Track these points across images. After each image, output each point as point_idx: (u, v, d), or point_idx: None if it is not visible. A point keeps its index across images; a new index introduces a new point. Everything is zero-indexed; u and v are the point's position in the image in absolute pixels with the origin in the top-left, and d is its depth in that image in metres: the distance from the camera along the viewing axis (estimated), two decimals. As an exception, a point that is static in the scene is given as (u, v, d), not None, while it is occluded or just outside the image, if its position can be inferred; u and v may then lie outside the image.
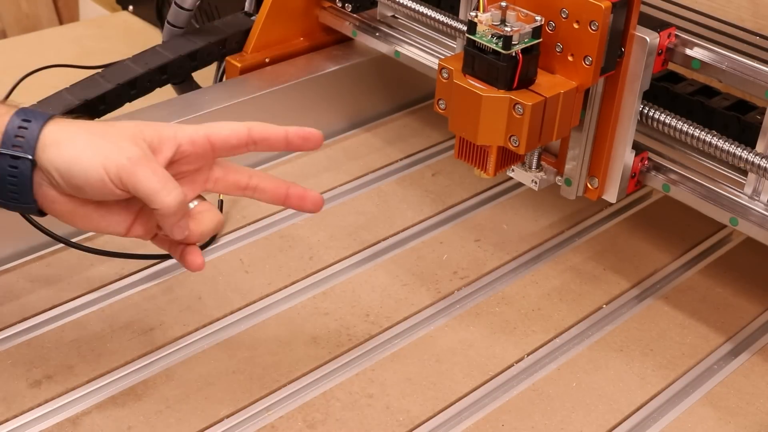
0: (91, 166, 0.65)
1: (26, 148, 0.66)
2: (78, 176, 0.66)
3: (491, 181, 1.01)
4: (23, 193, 0.67)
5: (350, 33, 1.06)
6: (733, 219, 0.78)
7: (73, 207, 0.69)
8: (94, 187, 0.66)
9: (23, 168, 0.66)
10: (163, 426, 0.72)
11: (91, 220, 0.70)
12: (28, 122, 0.67)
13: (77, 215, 0.69)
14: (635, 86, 0.77)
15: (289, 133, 0.72)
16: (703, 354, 0.82)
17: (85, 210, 0.69)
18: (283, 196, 0.73)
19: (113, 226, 0.71)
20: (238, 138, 0.71)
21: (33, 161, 0.66)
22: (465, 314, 0.85)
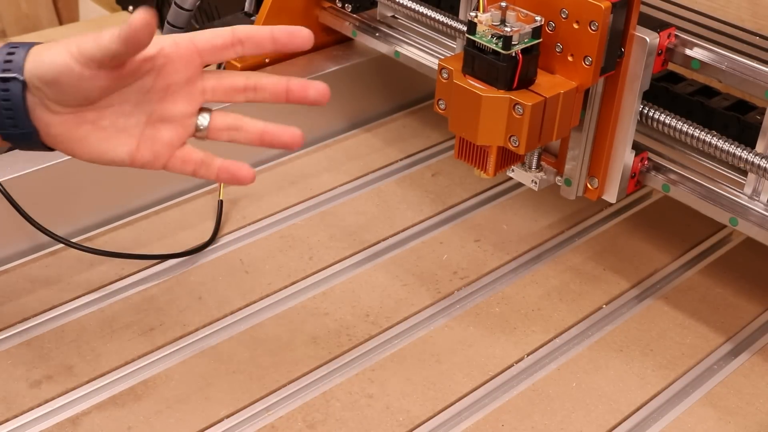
0: (57, 53, 0.65)
1: (14, 70, 0.66)
2: (48, 69, 0.65)
3: (491, 181, 1.01)
4: (19, 117, 0.66)
5: (350, 33, 1.06)
6: (732, 219, 0.78)
7: (68, 128, 0.67)
8: (63, 74, 0.65)
9: (14, 89, 0.66)
10: (163, 426, 0.72)
11: (90, 144, 0.68)
12: (15, 48, 0.67)
13: (74, 139, 0.68)
14: (635, 86, 0.77)
15: (275, 31, 0.69)
16: (703, 354, 0.82)
17: (81, 131, 0.68)
18: (284, 90, 0.70)
19: (116, 150, 0.68)
20: (223, 38, 0.69)
21: (23, 81, 0.66)
22: (465, 314, 0.85)
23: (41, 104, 0.67)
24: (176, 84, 0.69)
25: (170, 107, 0.69)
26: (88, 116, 0.68)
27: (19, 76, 0.66)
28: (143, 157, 0.69)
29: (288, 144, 0.72)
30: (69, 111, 0.67)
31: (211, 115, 0.70)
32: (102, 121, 0.68)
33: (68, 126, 0.67)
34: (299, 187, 0.99)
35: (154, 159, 0.69)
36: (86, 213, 0.92)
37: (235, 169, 0.71)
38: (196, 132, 0.70)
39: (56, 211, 0.89)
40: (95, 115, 0.68)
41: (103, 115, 0.68)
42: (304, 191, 0.99)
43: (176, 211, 0.95)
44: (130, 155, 0.69)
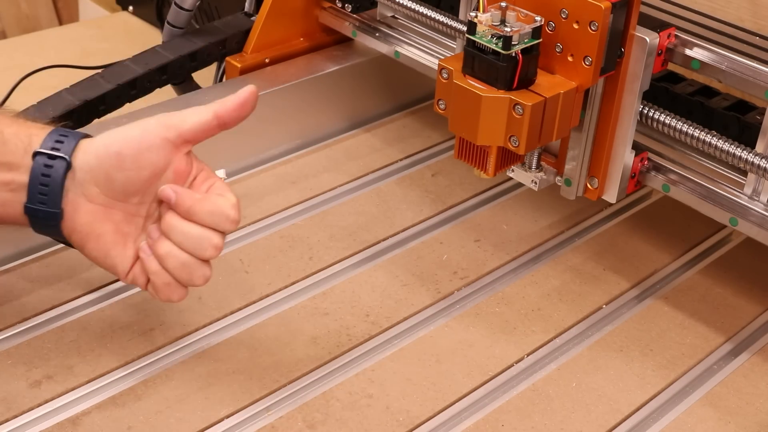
0: (147, 126, 0.70)
1: (63, 150, 0.69)
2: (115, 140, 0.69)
3: (491, 181, 1.01)
4: (52, 195, 0.69)
5: (350, 33, 1.06)
6: (732, 219, 0.78)
7: (94, 219, 0.71)
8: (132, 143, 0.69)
9: (58, 167, 0.69)
10: (163, 426, 0.72)
11: (104, 243, 0.71)
12: (65, 136, 0.71)
13: (94, 233, 0.71)
14: (635, 86, 0.77)
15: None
16: (703, 354, 0.82)
17: (103, 228, 0.71)
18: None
19: (120, 259, 0.72)
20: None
21: (68, 162, 0.69)
22: (465, 314, 0.85)
23: (79, 189, 0.70)
24: None
25: None
26: (115, 216, 0.71)
27: (67, 156, 0.69)
28: (134, 273, 0.73)
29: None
30: (104, 202, 0.70)
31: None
32: (125, 225, 0.72)
33: (95, 218, 0.71)
34: (299, 187, 0.99)
35: (140, 275, 0.73)
36: (86, 213, 0.92)
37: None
38: None
39: (56, 211, 0.89)
40: (122, 217, 0.71)
41: (128, 220, 0.72)
42: (304, 191, 0.99)
43: (176, 211, 0.95)
44: (129, 268, 0.73)
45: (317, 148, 1.06)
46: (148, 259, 0.71)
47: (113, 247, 0.72)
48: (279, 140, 1.05)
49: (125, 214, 0.72)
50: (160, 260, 0.70)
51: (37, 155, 0.69)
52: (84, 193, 0.70)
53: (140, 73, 1.02)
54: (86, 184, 0.70)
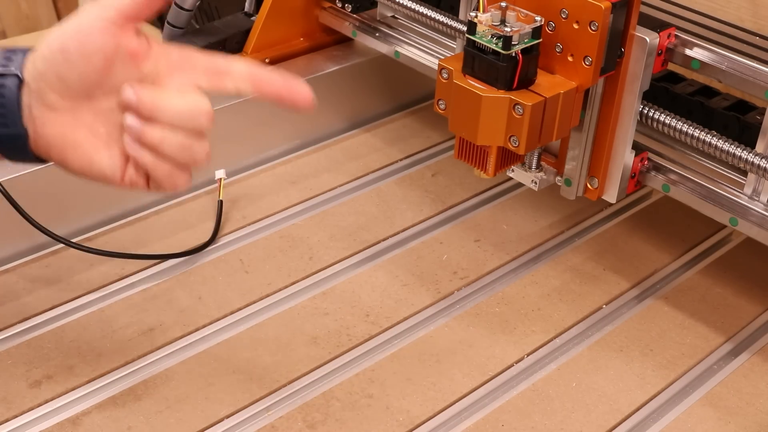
0: (84, 13, 0.65)
1: (13, 67, 0.65)
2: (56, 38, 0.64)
3: (491, 181, 1.01)
4: (11, 116, 0.65)
5: (350, 33, 1.06)
6: (732, 219, 0.78)
7: (65, 129, 0.66)
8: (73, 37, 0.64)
9: (10, 85, 0.65)
10: (163, 426, 0.72)
11: (84, 151, 0.66)
12: (13, 52, 0.66)
13: (69, 144, 0.66)
14: (635, 86, 0.77)
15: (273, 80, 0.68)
16: (703, 354, 0.82)
17: (78, 134, 0.66)
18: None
19: (107, 163, 0.67)
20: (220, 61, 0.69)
21: (20, 77, 0.65)
22: (465, 314, 0.85)
23: (39, 101, 0.65)
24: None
25: None
26: (85, 117, 0.66)
27: (18, 72, 0.65)
28: (129, 174, 0.67)
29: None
30: (68, 106, 0.66)
31: None
32: (98, 126, 0.67)
33: (64, 127, 0.66)
34: (299, 187, 0.99)
35: (137, 177, 0.68)
36: (86, 213, 0.92)
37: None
38: None
39: (56, 211, 0.89)
40: (92, 118, 0.67)
41: (100, 120, 0.67)
42: (304, 191, 0.99)
43: (176, 211, 0.95)
44: (121, 170, 0.67)
45: (317, 148, 1.06)
46: (140, 152, 0.66)
47: (95, 152, 0.67)
48: (279, 140, 1.05)
49: (95, 114, 0.67)
50: (154, 149, 0.66)
51: None
52: (44, 103, 0.65)
53: (140, 73, 1.02)
54: (42, 93, 0.65)
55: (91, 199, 0.92)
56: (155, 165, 0.66)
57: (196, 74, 0.68)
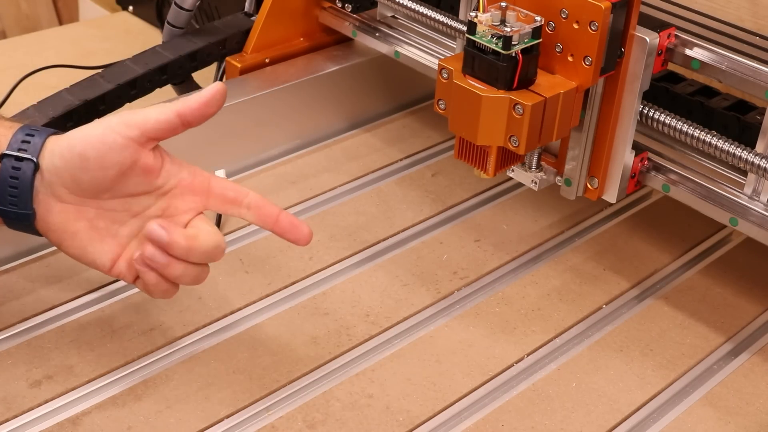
0: (93, 126, 0.69)
1: (30, 152, 0.69)
2: (79, 140, 0.68)
3: (491, 181, 1.01)
4: (22, 198, 0.69)
5: (350, 33, 1.06)
6: (732, 219, 0.78)
7: (66, 219, 0.70)
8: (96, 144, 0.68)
9: (26, 169, 0.68)
10: (163, 426, 0.72)
11: (80, 240, 0.71)
12: (35, 132, 0.70)
13: (68, 232, 0.71)
14: (635, 86, 0.77)
15: (281, 217, 0.73)
16: (703, 354, 0.82)
17: (77, 226, 0.71)
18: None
19: (100, 253, 0.72)
20: (236, 194, 0.73)
21: (36, 163, 0.68)
22: (465, 314, 0.85)
23: (49, 190, 0.69)
24: (176, 210, 0.72)
25: None
26: (88, 213, 0.71)
27: (34, 158, 0.69)
28: (120, 267, 0.72)
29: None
30: (74, 201, 0.70)
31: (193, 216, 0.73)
32: (99, 221, 0.71)
33: (67, 216, 0.71)
34: (299, 187, 0.99)
35: (127, 272, 0.72)
36: (86, 213, 0.92)
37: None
38: None
39: (56, 211, 0.89)
40: (95, 213, 0.71)
41: (101, 215, 0.71)
42: (304, 191, 0.99)
43: (176, 211, 0.95)
44: (111, 262, 0.72)
45: (317, 148, 1.06)
46: (147, 273, 0.71)
47: (89, 244, 0.72)
48: (279, 140, 1.05)
49: (98, 210, 0.71)
50: (165, 275, 0.70)
51: (4, 157, 0.69)
52: (53, 193, 0.70)
53: (140, 73, 1.02)
54: (54, 185, 0.69)
55: (91, 199, 0.92)
56: (157, 283, 0.71)
57: (208, 199, 0.73)
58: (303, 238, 0.73)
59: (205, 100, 0.70)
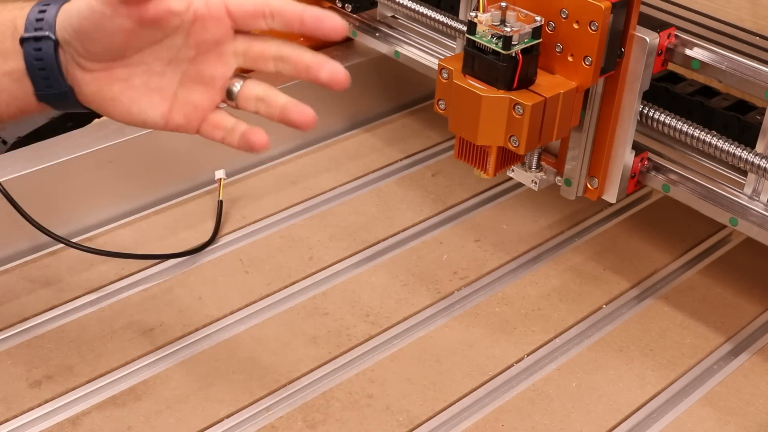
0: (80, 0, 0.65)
1: (46, 28, 0.66)
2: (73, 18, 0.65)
3: (491, 181, 1.01)
4: (54, 77, 0.67)
5: (350, 33, 1.06)
6: (732, 219, 0.78)
7: (100, 86, 0.67)
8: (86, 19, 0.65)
9: (46, 48, 0.66)
10: (163, 426, 0.72)
11: (122, 104, 0.68)
12: (47, 6, 0.67)
13: (107, 98, 0.68)
14: (635, 86, 0.77)
15: (305, 12, 0.68)
16: (703, 354, 0.82)
17: (114, 89, 0.67)
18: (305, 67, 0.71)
19: (149, 111, 0.68)
20: (255, 4, 0.68)
21: (54, 39, 0.66)
22: (465, 314, 0.85)
23: (73, 62, 0.66)
24: (207, 43, 0.68)
25: (202, 68, 0.68)
26: (120, 73, 0.67)
27: (51, 35, 0.66)
28: (176, 120, 0.68)
29: (298, 123, 0.71)
30: (100, 67, 0.67)
31: (244, 83, 0.69)
32: (134, 79, 0.67)
33: (101, 84, 0.67)
34: (299, 187, 0.99)
35: (186, 122, 0.68)
36: (86, 213, 0.92)
37: (250, 135, 0.70)
38: (227, 98, 0.69)
39: (56, 211, 0.89)
40: (127, 72, 0.67)
41: (134, 72, 0.67)
42: (304, 191, 0.99)
43: (176, 211, 0.95)
44: (164, 117, 0.68)
45: (317, 148, 1.06)
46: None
47: (133, 104, 0.68)
48: (279, 140, 1.05)
49: (129, 69, 0.68)
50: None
51: (24, 42, 0.67)
52: (77, 65, 0.67)
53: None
54: (74, 57, 0.67)
55: (91, 199, 0.92)
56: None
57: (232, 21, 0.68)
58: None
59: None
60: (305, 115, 0.70)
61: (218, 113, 0.69)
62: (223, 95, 0.69)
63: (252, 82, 0.69)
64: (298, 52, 0.70)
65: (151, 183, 0.96)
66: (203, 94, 0.68)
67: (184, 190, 0.98)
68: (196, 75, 0.68)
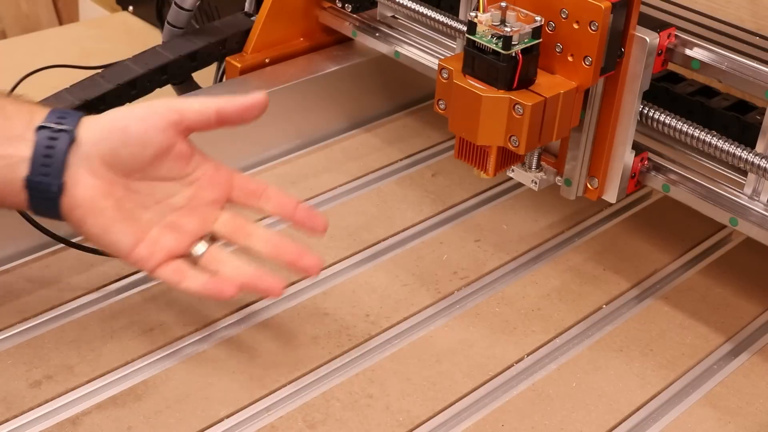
0: (154, 106, 0.72)
1: (67, 124, 0.70)
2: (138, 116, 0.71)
3: (491, 181, 1.01)
4: (55, 167, 0.69)
5: (350, 33, 1.06)
6: (732, 219, 0.78)
7: (95, 195, 0.71)
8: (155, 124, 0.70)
9: (62, 139, 0.69)
10: (163, 426, 0.72)
11: (104, 219, 0.71)
12: (67, 114, 0.71)
13: (95, 209, 0.71)
14: (635, 86, 0.77)
15: (299, 207, 0.76)
16: (703, 354, 0.82)
17: (105, 203, 0.71)
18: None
19: (122, 235, 0.72)
20: (257, 184, 0.76)
21: (72, 135, 0.69)
22: (465, 314, 0.85)
23: (82, 162, 0.70)
24: (200, 200, 0.74)
25: (184, 219, 0.74)
26: (117, 192, 0.72)
27: (72, 128, 0.70)
28: (140, 253, 0.73)
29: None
30: (107, 177, 0.71)
31: (208, 248, 0.75)
32: (125, 202, 0.72)
33: (96, 192, 0.71)
34: (299, 187, 0.99)
35: (148, 258, 0.73)
36: (86, 213, 0.92)
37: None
38: (190, 255, 0.75)
39: (56, 211, 0.89)
40: (123, 194, 0.72)
41: (128, 197, 0.72)
42: (304, 191, 0.99)
43: (176, 211, 0.95)
44: (131, 246, 0.73)
45: (317, 148, 1.06)
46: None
47: (113, 223, 0.72)
48: (279, 140, 1.05)
49: (127, 191, 0.72)
50: None
51: (40, 129, 0.70)
52: (88, 167, 0.70)
53: (140, 73, 1.02)
54: (90, 158, 0.70)
55: (91, 199, 0.92)
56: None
57: (231, 192, 0.76)
58: (320, 225, 0.76)
59: (248, 105, 0.74)
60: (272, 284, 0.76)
61: (179, 261, 0.74)
62: (189, 248, 0.75)
63: (217, 247, 0.76)
64: (281, 242, 0.76)
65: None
66: (173, 241, 0.74)
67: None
68: (174, 223, 0.74)
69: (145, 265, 0.74)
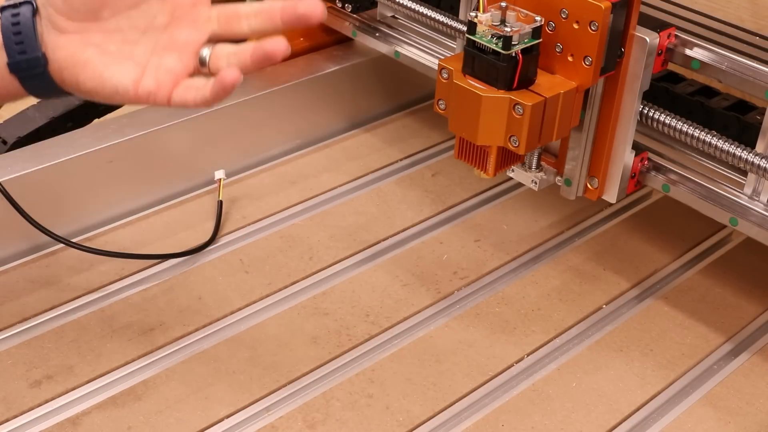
0: None
1: None
2: None
3: (491, 181, 1.01)
4: (28, 42, 0.66)
5: (350, 33, 1.06)
6: (732, 219, 0.78)
7: (74, 50, 0.67)
8: None
9: (25, 12, 0.66)
10: (163, 426, 0.72)
11: (94, 68, 0.67)
12: None
13: (80, 63, 0.67)
14: (635, 86, 0.77)
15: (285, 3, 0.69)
16: (703, 354, 0.82)
17: (87, 53, 0.67)
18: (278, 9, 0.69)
19: (120, 76, 0.67)
20: None
21: (33, 5, 0.66)
22: (465, 314, 0.85)
23: (49, 24, 0.67)
24: (182, 7, 0.68)
25: (176, 34, 0.68)
26: (95, 38, 0.67)
27: (31, 0, 0.66)
28: (147, 85, 0.67)
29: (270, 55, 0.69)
30: (76, 28, 0.67)
31: (214, 46, 0.69)
32: (108, 45, 0.68)
33: (74, 47, 0.67)
34: (299, 187, 0.99)
35: (157, 88, 0.67)
36: (86, 213, 0.92)
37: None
38: (200, 65, 0.69)
39: (56, 211, 0.89)
40: (102, 38, 0.68)
41: (109, 39, 0.68)
42: (304, 191, 0.99)
43: (176, 211, 0.95)
44: (135, 82, 0.67)
45: (317, 148, 1.06)
46: None
47: (105, 69, 0.67)
48: (279, 140, 1.05)
49: (104, 34, 0.68)
50: None
51: (3, 10, 0.67)
52: (54, 27, 0.67)
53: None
54: (51, 17, 0.67)
55: (91, 199, 0.92)
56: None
57: (209, 23, 0.69)
58: (316, 11, 0.70)
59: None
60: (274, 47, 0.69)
61: (189, 78, 0.68)
62: (195, 61, 0.68)
63: (222, 44, 0.69)
64: (271, 3, 0.69)
65: (151, 183, 0.96)
66: (176, 60, 0.68)
67: (184, 190, 0.98)
68: (169, 42, 0.68)
69: (156, 98, 0.68)
